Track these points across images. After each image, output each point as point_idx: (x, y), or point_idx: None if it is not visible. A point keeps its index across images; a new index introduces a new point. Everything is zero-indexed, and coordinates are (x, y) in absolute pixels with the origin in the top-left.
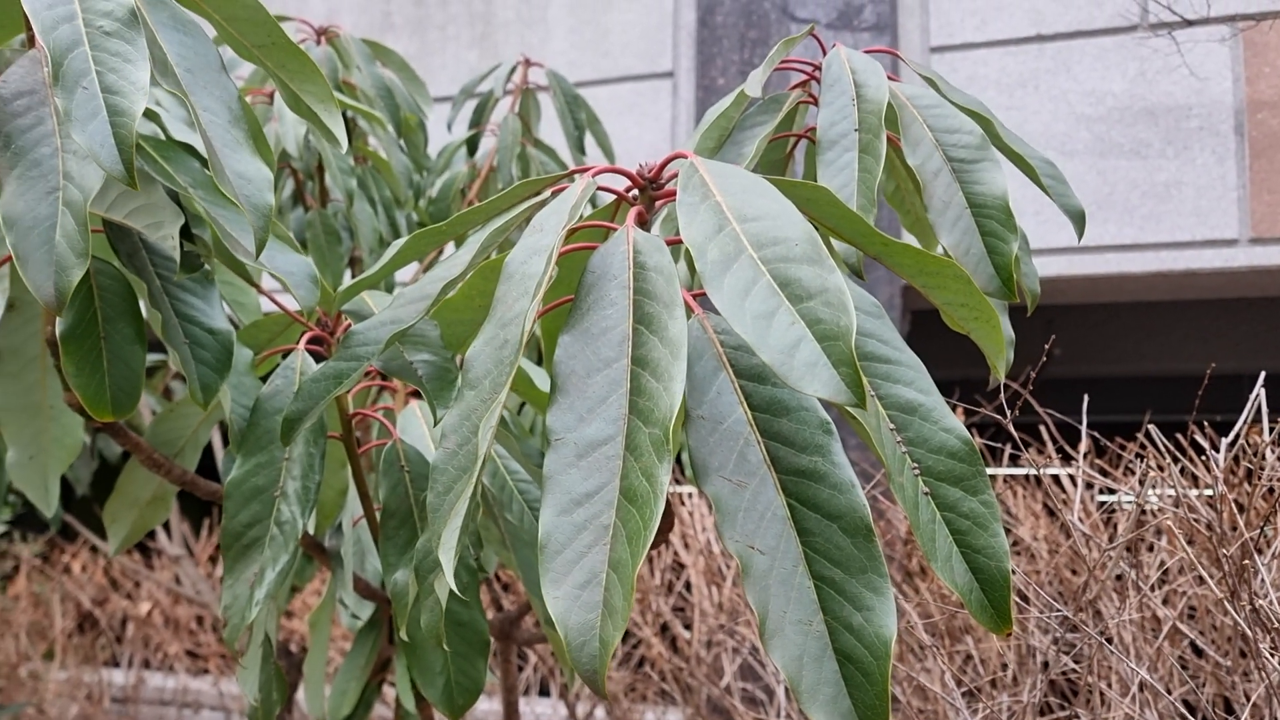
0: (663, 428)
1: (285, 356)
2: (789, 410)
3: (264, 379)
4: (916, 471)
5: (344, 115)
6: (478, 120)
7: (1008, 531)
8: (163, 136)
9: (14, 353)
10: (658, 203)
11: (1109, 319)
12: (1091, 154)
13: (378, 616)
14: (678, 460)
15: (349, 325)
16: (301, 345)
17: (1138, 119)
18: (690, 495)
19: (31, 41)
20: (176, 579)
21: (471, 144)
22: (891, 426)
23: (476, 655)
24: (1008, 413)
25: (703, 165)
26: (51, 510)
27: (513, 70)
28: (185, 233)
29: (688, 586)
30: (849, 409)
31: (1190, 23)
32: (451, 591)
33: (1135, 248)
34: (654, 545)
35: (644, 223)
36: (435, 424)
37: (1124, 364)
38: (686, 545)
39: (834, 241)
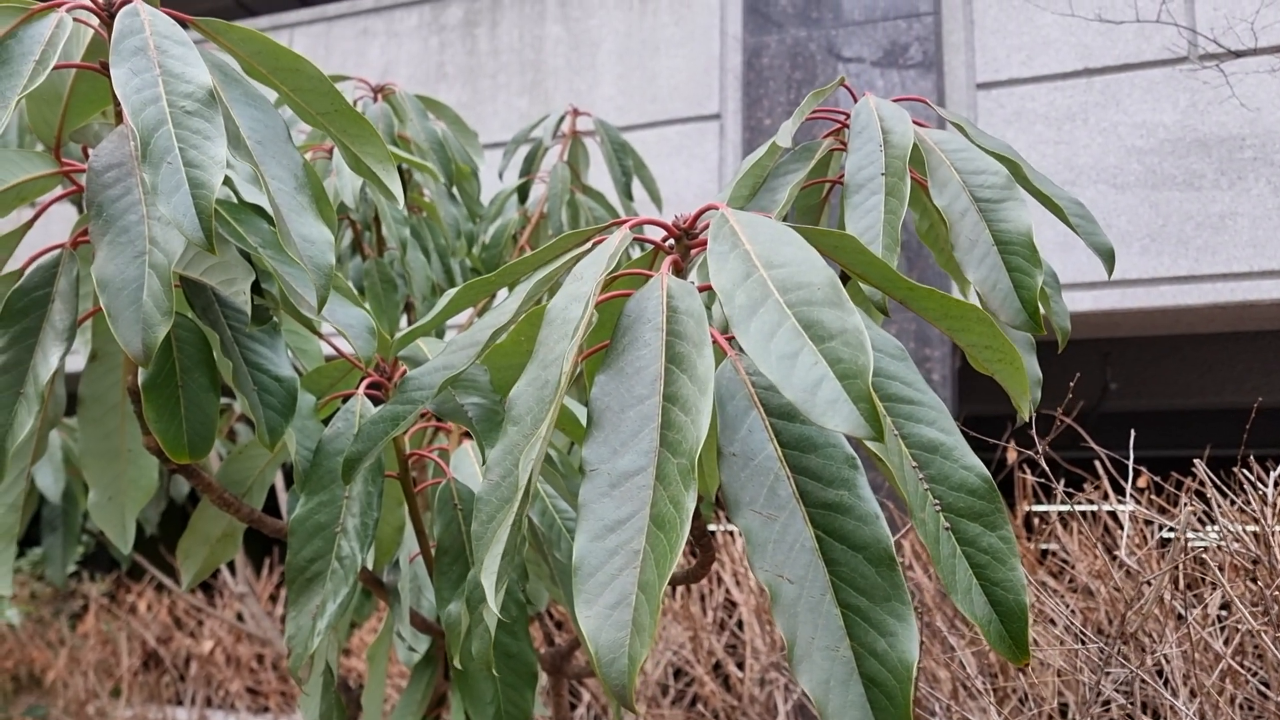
0: (690, 458)
1: (346, 401)
2: (817, 447)
3: (325, 422)
4: (938, 508)
5: (399, 169)
6: (528, 169)
7: (1064, 569)
8: (234, 199)
9: (96, 400)
10: (693, 251)
11: (1167, 352)
12: (1144, 186)
13: (433, 652)
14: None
15: (405, 370)
16: (361, 390)
17: (1190, 150)
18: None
19: (119, 117)
20: (239, 616)
21: (522, 191)
22: (914, 464)
23: (525, 686)
24: (1063, 444)
25: (733, 216)
26: (128, 547)
27: (561, 119)
28: (255, 288)
29: (740, 625)
30: (872, 447)
31: (1238, 54)
32: (502, 624)
33: (1191, 279)
34: (694, 580)
35: (680, 270)
36: (484, 463)
37: (1183, 397)
38: (738, 583)
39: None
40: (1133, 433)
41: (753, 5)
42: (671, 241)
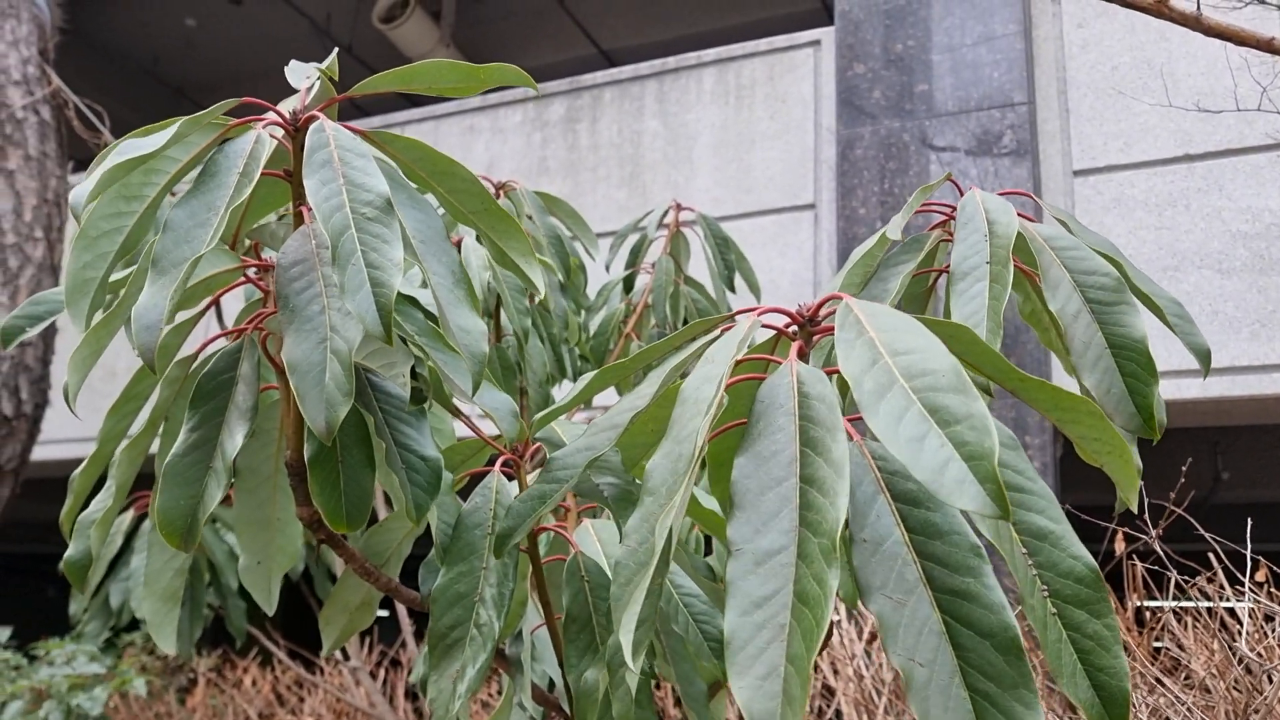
0: (830, 538)
1: (482, 477)
2: (942, 534)
3: (461, 493)
4: (1045, 594)
5: None
6: (633, 261)
7: (1177, 665)
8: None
9: (252, 471)
10: (815, 338)
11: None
12: (1251, 271)
13: None
14: None
15: (537, 448)
16: (497, 468)
17: None
18: (838, 620)
19: (298, 217)
20: (340, 686)
21: (628, 282)
22: (1024, 551)
23: None
24: (1173, 537)
25: (856, 306)
26: (272, 609)
27: (665, 213)
28: (412, 372)
29: (838, 715)
30: (985, 533)
31: None
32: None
33: None
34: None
35: (803, 356)
36: (621, 539)
37: None
38: (836, 671)
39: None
40: (1249, 521)
41: (846, 98)
42: (795, 328)
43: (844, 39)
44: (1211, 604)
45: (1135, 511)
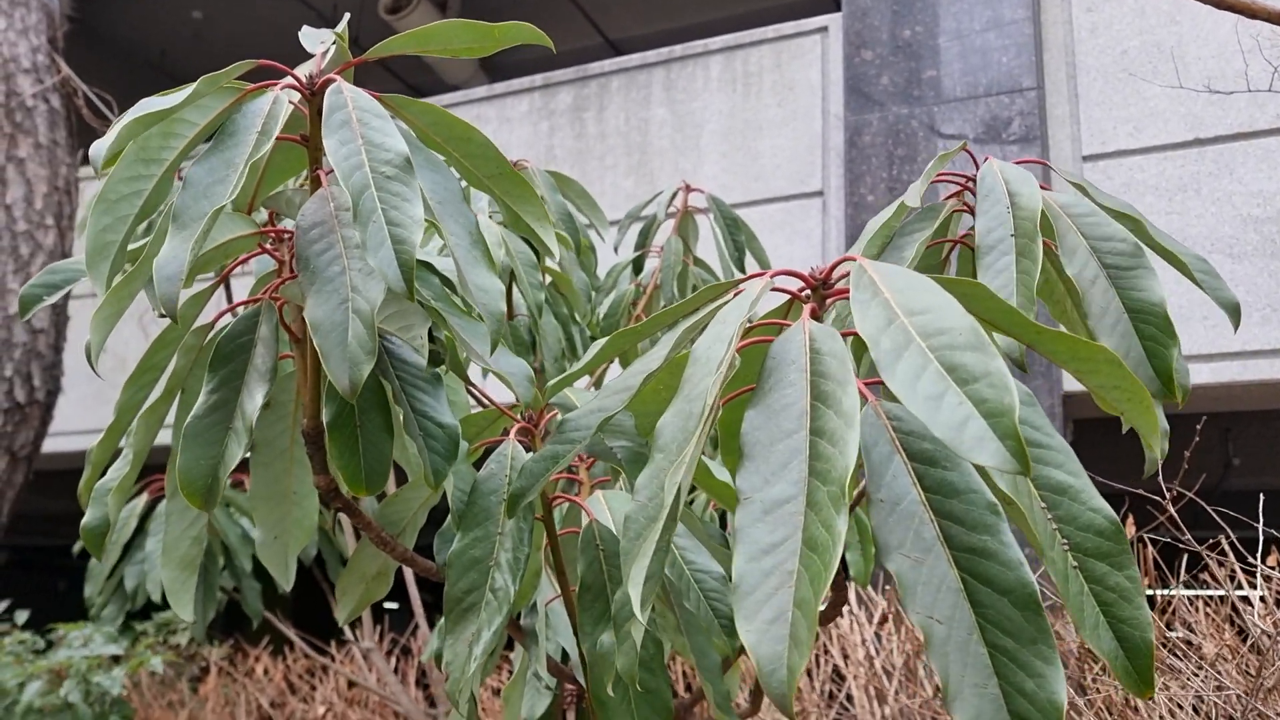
0: (840, 485)
1: (497, 446)
2: (958, 492)
3: (476, 465)
4: (1066, 547)
5: (526, 240)
6: (643, 242)
7: (1190, 646)
8: None
9: (267, 445)
10: (828, 301)
11: None
12: (1262, 256)
13: (552, 709)
14: (843, 564)
15: (553, 415)
16: (513, 435)
17: None
18: (849, 610)
19: (315, 182)
20: (353, 672)
21: (637, 264)
22: (1043, 505)
23: None
24: (1184, 523)
25: (871, 266)
26: (289, 584)
27: (674, 195)
28: (429, 335)
29: (849, 699)
30: (1004, 489)
31: None
32: (640, 660)
33: None
34: (826, 622)
35: (817, 318)
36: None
37: None
38: (846, 657)
39: (994, 335)
40: (1261, 497)
41: (854, 85)
42: (808, 292)
43: (851, 25)
44: (1224, 592)
45: (1160, 463)
